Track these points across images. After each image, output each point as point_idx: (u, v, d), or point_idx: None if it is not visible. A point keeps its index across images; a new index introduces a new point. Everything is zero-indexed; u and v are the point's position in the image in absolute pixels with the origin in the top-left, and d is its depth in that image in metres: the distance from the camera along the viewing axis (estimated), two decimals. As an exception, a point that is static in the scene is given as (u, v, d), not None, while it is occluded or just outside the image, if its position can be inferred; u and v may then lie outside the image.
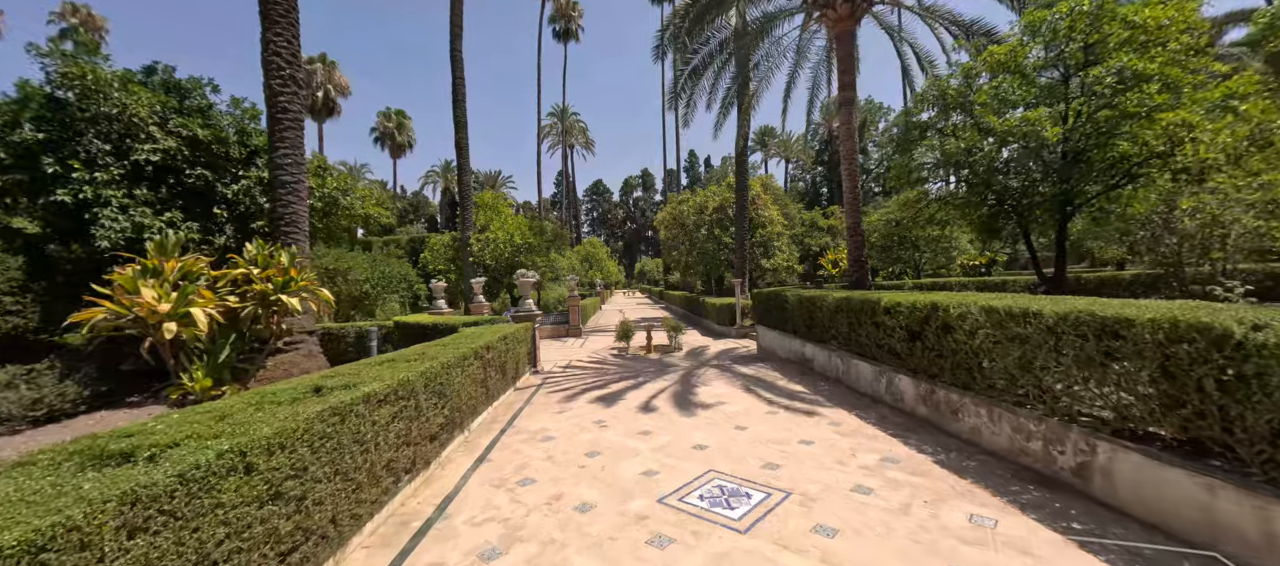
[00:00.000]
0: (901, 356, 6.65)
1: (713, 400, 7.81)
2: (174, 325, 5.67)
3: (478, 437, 6.31)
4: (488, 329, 8.98)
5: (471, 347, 6.53)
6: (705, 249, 24.86)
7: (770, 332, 12.54)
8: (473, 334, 8.18)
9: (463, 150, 22.03)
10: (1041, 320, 4.34)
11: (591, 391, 8.80)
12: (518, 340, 9.31)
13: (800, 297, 10.09)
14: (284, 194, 9.86)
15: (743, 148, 19.59)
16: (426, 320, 10.73)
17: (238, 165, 11.17)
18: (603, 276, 47.01)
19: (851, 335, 8.01)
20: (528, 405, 7.99)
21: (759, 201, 24.17)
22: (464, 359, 6.16)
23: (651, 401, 7.86)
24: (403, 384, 4.36)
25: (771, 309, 12.27)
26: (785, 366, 10.51)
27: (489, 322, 10.33)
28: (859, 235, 12.13)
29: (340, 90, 42.79)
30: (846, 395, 7.72)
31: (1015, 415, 4.76)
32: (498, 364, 7.82)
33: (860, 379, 7.79)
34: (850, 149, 12.25)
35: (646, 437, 6.03)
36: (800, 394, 7.97)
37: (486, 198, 23.77)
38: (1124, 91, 7.60)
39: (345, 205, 11.68)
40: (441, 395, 5.29)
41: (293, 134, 10.03)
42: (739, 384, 8.98)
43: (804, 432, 5.99)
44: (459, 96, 21.96)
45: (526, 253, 21.79)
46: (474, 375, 6.55)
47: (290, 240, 9.88)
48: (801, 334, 10.32)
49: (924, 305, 6.03)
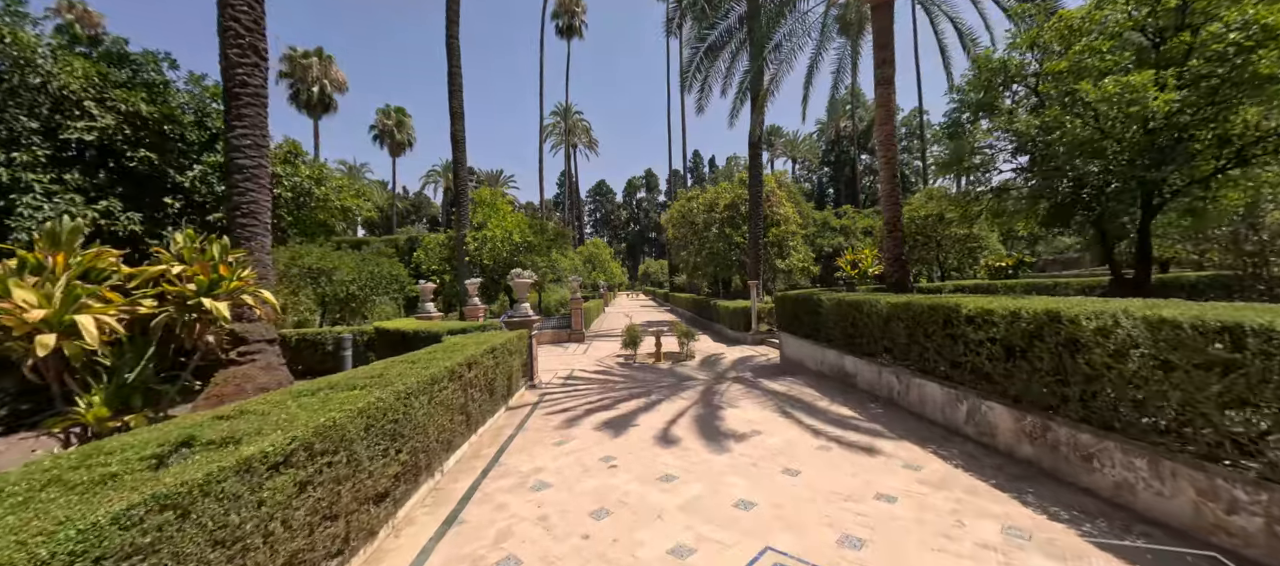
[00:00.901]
0: (993, 379, 5.22)
1: (745, 427, 6.39)
2: (50, 337, 4.30)
3: (452, 483, 4.91)
4: (475, 338, 7.60)
5: (447, 366, 5.14)
6: (715, 249, 23.42)
7: (797, 341, 11.12)
8: (455, 346, 6.80)
9: (459, 142, 20.72)
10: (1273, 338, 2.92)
11: (597, 413, 7.40)
12: (510, 351, 7.93)
13: (840, 302, 8.67)
14: (241, 180, 8.51)
15: (757, 137, 18.14)
16: (408, 326, 9.36)
17: (197, 149, 9.82)
18: (606, 278, 45.65)
19: (914, 348, 6.59)
20: (520, 432, 6.58)
21: (773, 198, 22.75)
22: (434, 382, 4.77)
23: (670, 428, 6.45)
24: (324, 433, 2.96)
25: (799, 314, 10.86)
26: (820, 382, 9.08)
27: (478, 330, 8.95)
28: (898, 231, 10.70)
29: (337, 86, 41.57)
30: (909, 422, 6.30)
31: (1205, 474, 3.34)
32: (483, 383, 6.44)
33: (926, 403, 6.36)
34: (888, 134, 10.84)
35: (670, 487, 4.61)
36: (850, 420, 6.55)
37: (484, 194, 22.42)
38: (1251, 51, 6.17)
39: (319, 196, 10.35)
40: (396, 436, 3.90)
41: (253, 112, 8.69)
42: (772, 405, 7.56)
43: (878, 481, 4.57)
44: (455, 86, 20.66)
45: (526, 252, 20.42)
46: (450, 401, 5.16)
47: (248, 234, 8.53)
48: (839, 344, 8.89)
49: (1033, 314, 4.60)
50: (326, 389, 4.02)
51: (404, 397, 4.04)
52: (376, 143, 54.48)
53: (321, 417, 3.02)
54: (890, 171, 10.77)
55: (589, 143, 72.57)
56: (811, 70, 14.87)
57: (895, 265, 10.66)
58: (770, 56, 14.38)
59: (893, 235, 10.72)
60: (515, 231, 20.26)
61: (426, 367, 4.89)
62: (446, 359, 5.42)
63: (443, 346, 6.72)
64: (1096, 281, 13.17)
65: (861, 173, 68.61)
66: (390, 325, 9.86)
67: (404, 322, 9.87)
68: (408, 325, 9.60)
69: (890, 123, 10.81)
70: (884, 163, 10.83)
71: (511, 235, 20.07)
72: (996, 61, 9.18)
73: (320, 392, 3.86)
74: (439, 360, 5.30)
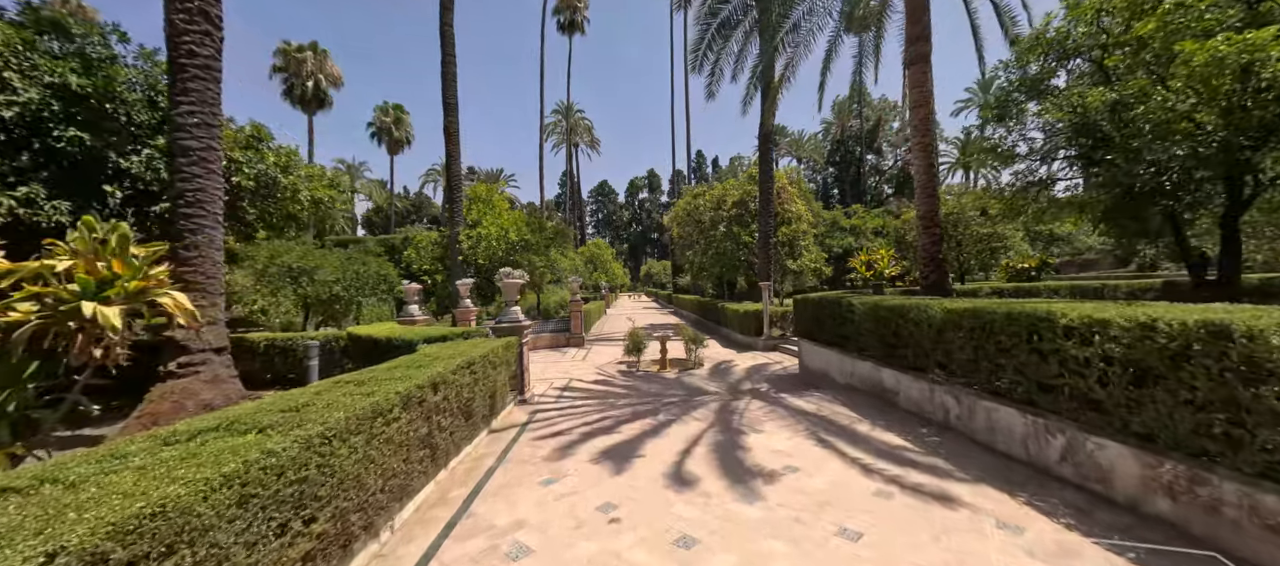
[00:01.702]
0: (1105, 409, 4.04)
1: (776, 461, 5.21)
2: None
3: (403, 544, 3.74)
4: (453, 349, 6.44)
5: (399, 391, 3.98)
6: (722, 248, 22.21)
7: (819, 349, 9.93)
8: (426, 359, 5.65)
9: (452, 135, 19.59)
10: None
11: (595, 437, 6.23)
12: (494, 363, 6.76)
13: (878, 307, 7.48)
14: (186, 164, 7.38)
15: (769, 127, 16.95)
16: (382, 332, 8.22)
17: (149, 131, 8.70)
18: (608, 279, 44.52)
19: (981, 365, 5.40)
20: (501, 465, 5.42)
21: (784, 194, 21.55)
22: (378, 415, 3.61)
23: (684, 462, 5.27)
24: (138, 529, 1.80)
25: (823, 320, 9.67)
26: (851, 398, 7.90)
27: (461, 337, 7.80)
28: (936, 228, 9.53)
29: (332, 81, 40.51)
30: (978, 456, 5.11)
31: None
32: (456, 405, 5.28)
33: (998, 432, 5.18)
34: (924, 118, 9.68)
35: (692, 560, 3.44)
36: (904, 453, 5.36)
37: (480, 190, 21.28)
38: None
39: (286, 185, 9.22)
40: (302, 502, 2.73)
41: (202, 86, 7.56)
42: (803, 428, 6.38)
43: (973, 550, 3.39)
44: (449, 76, 19.55)
45: (523, 251, 19.28)
46: (404, 436, 4.00)
47: (194, 225, 7.41)
48: (875, 355, 7.71)
49: (1180, 328, 3.42)
50: (220, 429, 2.86)
51: (318, 446, 2.87)
52: (374, 140, 53.46)
53: (142, 501, 1.85)
54: (927, 160, 9.60)
55: (591, 142, 71.50)
56: (830, 54, 13.68)
57: (931, 265, 9.48)
58: (786, 39, 13.23)
59: (929, 232, 9.54)
60: (511, 229, 19.13)
61: (371, 393, 3.73)
62: (403, 380, 4.25)
63: (412, 359, 5.57)
64: (1147, 283, 11.93)
65: (867, 173, 67.49)
66: (364, 330, 8.71)
67: (378, 328, 8.73)
68: (382, 331, 8.46)
69: (926, 105, 9.64)
70: (920, 151, 9.65)
71: (508, 233, 18.94)
72: (1056, 32, 7.99)
73: (200, 437, 2.70)
74: (392, 382, 4.14)
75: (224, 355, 7.50)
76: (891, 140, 72.14)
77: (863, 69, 13.66)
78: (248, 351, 10.66)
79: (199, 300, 7.26)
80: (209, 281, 7.44)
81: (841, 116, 73.71)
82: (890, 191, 67.06)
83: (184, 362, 7.05)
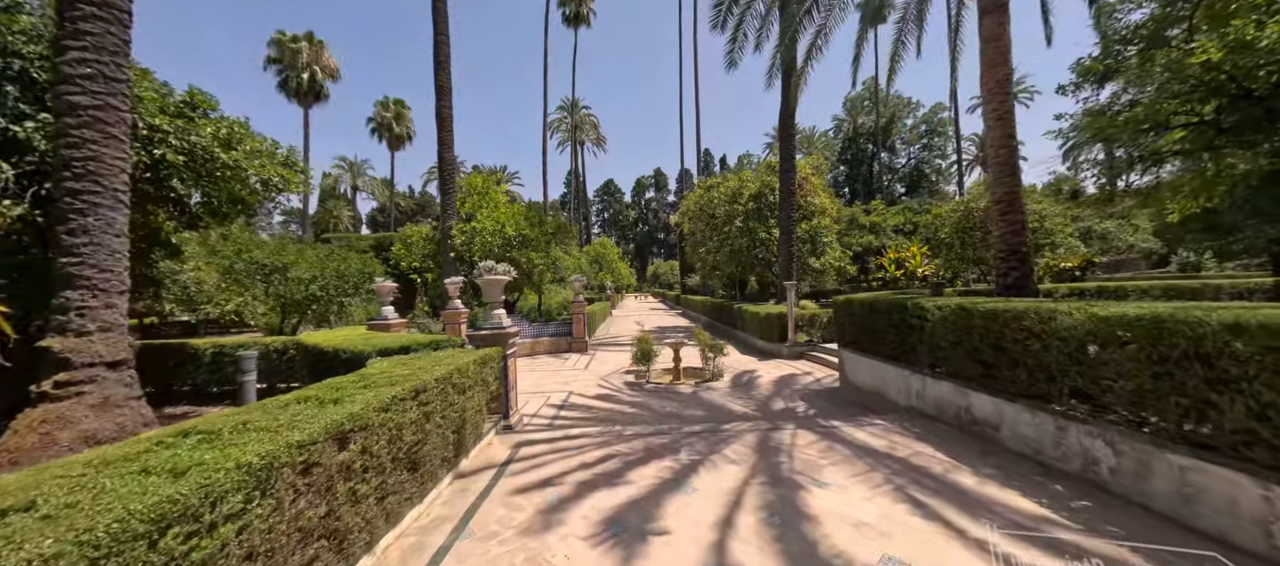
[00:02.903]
0: None
1: (864, 545, 3.47)
2: None
3: None
4: (410, 367, 4.76)
5: (259, 456, 2.29)
6: (737, 245, 20.43)
7: (870, 362, 8.18)
8: (374, 378, 3.99)
9: (445, 121, 18.03)
10: None
11: (597, 490, 4.52)
12: (463, 385, 5.08)
13: (965, 312, 5.72)
14: (75, 126, 5.75)
15: (792, 104, 15.16)
16: (331, 341, 6.56)
17: (51, 94, 7.08)
18: (613, 279, 42.84)
19: (1169, 401, 3.65)
20: (459, 541, 3.72)
21: (807, 186, 19.75)
22: (191, 515, 1.93)
23: (727, 544, 3.55)
24: None
25: (876, 327, 7.92)
26: (924, 427, 6.14)
27: (429, 347, 6.12)
28: (1018, 212, 7.74)
29: (329, 73, 39.05)
30: (1166, 533, 3.37)
31: None
32: (391, 458, 3.58)
33: (1207, 501, 3.43)
34: (1002, 80, 7.91)
35: None
36: (1052, 531, 3.61)
37: (476, 181, 19.63)
38: None
39: (227, 162, 7.60)
40: None
41: (100, 29, 5.93)
42: (880, 477, 4.64)
43: None
44: (442, 57, 17.99)
45: (521, 247, 17.61)
46: (269, 530, 2.32)
47: (85, 205, 5.78)
48: (961, 374, 5.95)
49: None
50: None
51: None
52: (374, 136, 52.07)
53: None
54: (1005, 130, 7.82)
55: (597, 140, 69.79)
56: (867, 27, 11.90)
57: (1013, 260, 7.70)
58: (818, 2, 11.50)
59: (1009, 218, 7.75)
60: (509, 223, 17.46)
61: (246, 451, 2.06)
62: (305, 426, 2.58)
63: (338, 385, 3.89)
64: (1254, 283, 10.05)
65: (879, 172, 65.66)
66: (314, 338, 7.08)
67: (332, 336, 7.09)
68: (335, 339, 6.80)
69: (1004, 64, 7.87)
70: (996, 120, 7.87)
71: (504, 227, 17.27)
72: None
73: None
74: (246, 445, 2.44)
75: (123, 371, 5.86)
76: (906, 137, 70.22)
77: (904, 36, 11.85)
78: (192, 360, 9.09)
79: (87, 300, 5.65)
80: (102, 276, 5.80)
81: (853, 113, 71.90)
82: (902, 191, 65.08)
83: (62, 381, 5.41)
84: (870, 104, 68.01)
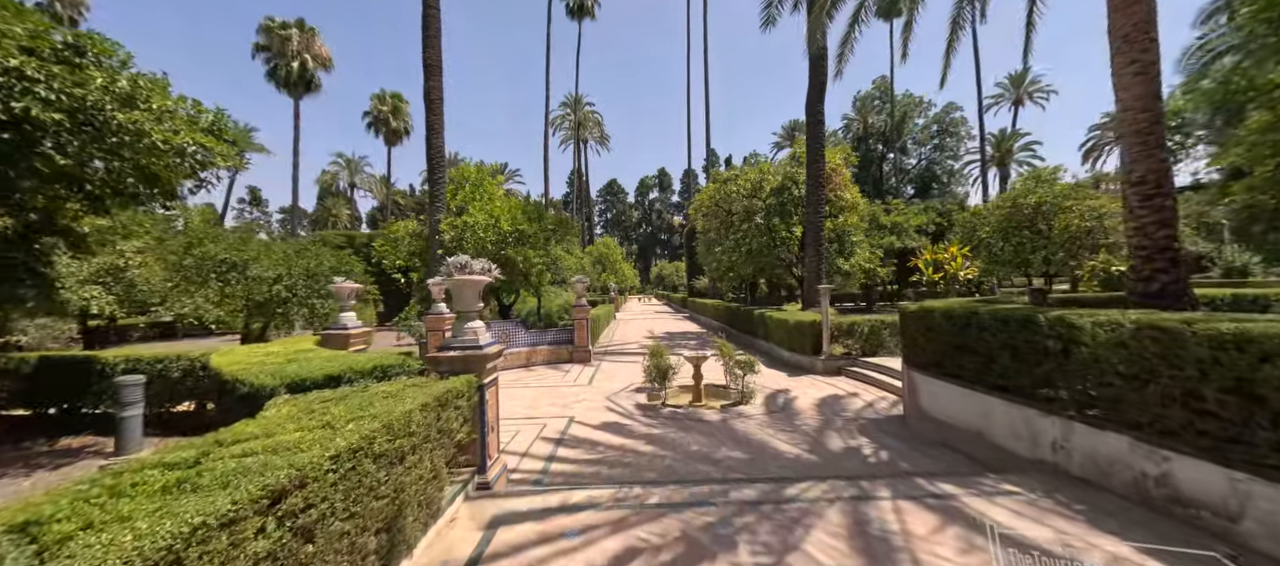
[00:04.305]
0: None
1: None
2: None
3: None
4: (325, 418, 2.87)
5: None
6: (756, 244, 18.46)
7: (962, 391, 6.23)
8: (215, 463, 2.10)
9: (434, 104, 16.17)
10: None
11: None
12: (402, 452, 3.18)
13: (1159, 332, 3.80)
14: None
15: (822, 78, 13.21)
16: (230, 366, 4.68)
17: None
18: (617, 280, 41.00)
19: None
20: None
21: (836, 179, 17.82)
22: None
23: None
24: None
25: (974, 345, 5.98)
26: (1080, 494, 4.22)
27: (373, 377, 4.22)
28: (1167, 196, 5.82)
29: (321, 62, 37.22)
30: None
31: None
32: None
33: None
34: (1144, 16, 5.99)
35: None
36: None
37: (469, 171, 17.75)
38: None
39: (127, 124, 5.75)
40: None
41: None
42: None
43: None
44: (432, 32, 16.13)
45: (517, 244, 15.71)
46: None
47: None
48: (1144, 425, 4.03)
49: None
50: None
51: None
52: (371, 130, 50.24)
53: None
54: (1147, 87, 5.90)
55: (600, 137, 67.90)
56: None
57: (1160, 258, 5.76)
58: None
59: (1152, 203, 5.83)
60: (504, 217, 15.57)
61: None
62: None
63: (155, 473, 2.00)
64: None
65: (888, 173, 63.90)
66: (218, 360, 5.18)
67: (248, 355, 5.20)
68: (239, 361, 4.91)
69: (1150, 20, 5.93)
70: (1136, 75, 5.93)
71: (498, 221, 15.37)
72: None
73: None
74: None
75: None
76: (917, 137, 68.48)
77: None
78: (101, 378, 7.21)
79: None
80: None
81: (863, 112, 70.11)
82: (912, 192, 63.19)
83: None
84: (880, 103, 66.22)
